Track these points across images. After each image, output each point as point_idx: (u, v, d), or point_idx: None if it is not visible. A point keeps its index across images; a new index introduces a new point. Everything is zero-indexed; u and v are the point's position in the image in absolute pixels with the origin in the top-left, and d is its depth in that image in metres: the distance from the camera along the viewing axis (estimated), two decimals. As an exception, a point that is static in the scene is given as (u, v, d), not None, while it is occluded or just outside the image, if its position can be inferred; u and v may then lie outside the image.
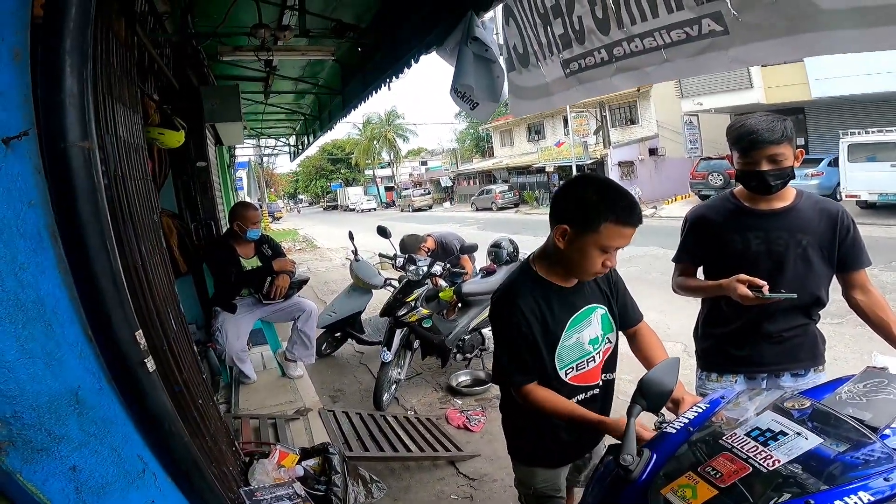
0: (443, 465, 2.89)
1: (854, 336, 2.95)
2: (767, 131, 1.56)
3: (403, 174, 44.56)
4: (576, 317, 1.43)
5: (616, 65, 1.96)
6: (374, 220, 5.27)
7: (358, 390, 4.07)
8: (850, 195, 12.11)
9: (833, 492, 0.98)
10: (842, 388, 1.34)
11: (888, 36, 1.19)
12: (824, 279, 1.70)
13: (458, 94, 2.50)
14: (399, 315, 3.61)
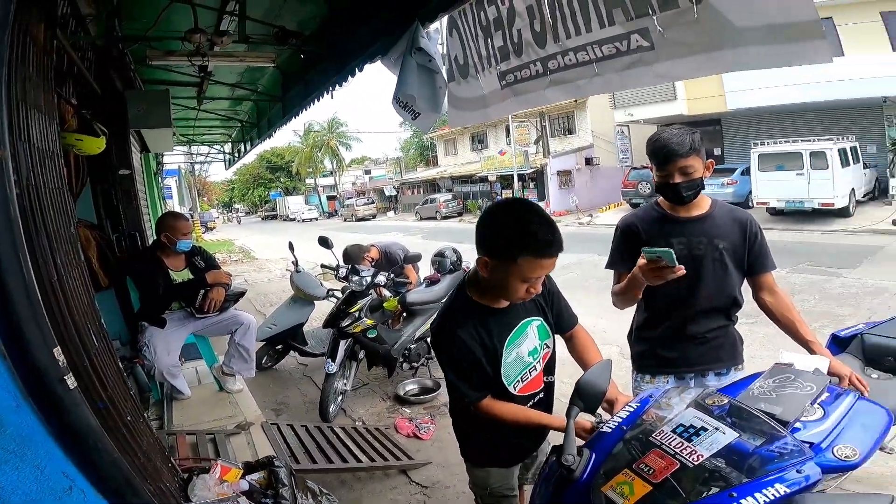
0: (394, 474, 2.87)
1: (767, 335, 3.19)
2: (677, 145, 1.65)
3: (346, 183, 43.85)
4: (513, 334, 1.47)
5: (550, 77, 2.03)
6: (316, 230, 5.16)
7: (303, 403, 3.98)
8: (760, 202, 13.17)
9: (753, 484, 1.05)
10: (754, 384, 1.44)
11: (795, 52, 1.29)
12: (738, 282, 1.83)
13: (399, 104, 2.50)
14: (343, 326, 3.57)
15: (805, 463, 1.09)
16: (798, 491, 1.04)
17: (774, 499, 1.02)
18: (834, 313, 5.38)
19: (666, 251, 1.51)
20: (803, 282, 7.10)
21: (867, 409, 1.46)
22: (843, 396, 1.48)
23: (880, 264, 7.93)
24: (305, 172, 42.92)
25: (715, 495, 1.04)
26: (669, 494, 1.08)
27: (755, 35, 1.35)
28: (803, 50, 1.28)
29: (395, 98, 2.49)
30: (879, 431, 1.40)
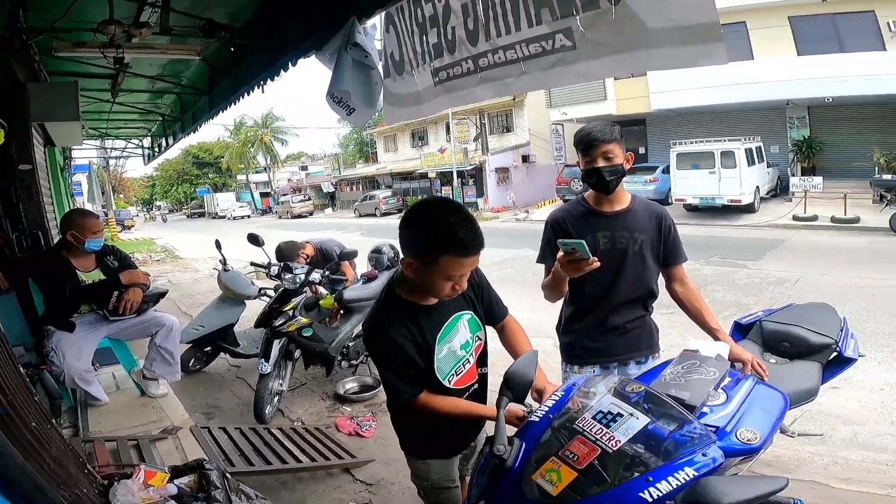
0: (338, 473, 2.84)
1: (684, 324, 3.46)
2: (601, 132, 1.78)
3: (282, 179, 42.24)
4: (444, 329, 1.49)
5: (480, 75, 2.07)
6: (248, 227, 4.92)
7: (236, 405, 3.83)
8: (678, 199, 14.13)
9: (666, 468, 1.11)
10: (665, 370, 1.53)
11: (698, 53, 1.38)
12: (655, 274, 1.95)
13: (334, 100, 2.48)
14: (276, 325, 3.46)
15: (710, 447, 1.16)
16: (706, 473, 1.11)
17: (685, 482, 1.08)
18: (740, 302, 5.87)
19: (578, 242, 1.55)
20: (714, 273, 7.69)
21: (765, 394, 1.58)
22: (743, 381, 1.59)
23: (781, 256, 8.78)
24: (237, 168, 40.91)
25: (633, 480, 1.10)
26: (595, 480, 1.12)
27: (664, 36, 1.43)
28: (704, 51, 1.38)
29: (329, 93, 2.46)
30: (777, 415, 1.52)
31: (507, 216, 19.10)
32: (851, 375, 3.52)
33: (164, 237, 21.94)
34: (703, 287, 6.83)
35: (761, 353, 2.20)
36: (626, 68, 1.64)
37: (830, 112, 14.83)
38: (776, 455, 2.63)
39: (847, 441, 2.94)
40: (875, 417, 3.20)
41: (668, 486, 1.07)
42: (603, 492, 1.10)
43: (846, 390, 3.48)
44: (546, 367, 2.09)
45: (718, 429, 1.39)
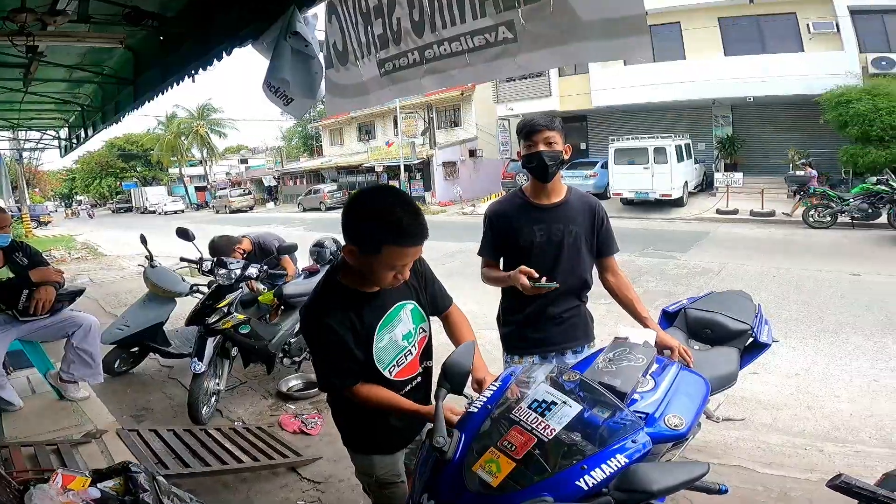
0: (283, 472, 2.78)
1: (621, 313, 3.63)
2: (543, 119, 1.86)
3: (220, 173, 40.42)
4: (386, 317, 1.46)
5: (426, 66, 2.06)
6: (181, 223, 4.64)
7: (170, 406, 3.67)
8: (616, 193, 14.80)
9: (599, 455, 1.13)
10: (598, 358, 1.57)
11: (624, 47, 1.42)
12: (589, 264, 2.01)
13: (271, 89, 2.42)
14: (210, 322, 3.31)
15: (639, 433, 1.20)
16: (636, 460, 1.14)
17: (617, 469, 1.10)
18: (670, 291, 6.23)
19: (550, 285, 1.70)
20: (647, 264, 8.11)
21: (689, 380, 1.65)
22: (669, 367, 1.66)
23: (706, 248, 9.39)
24: (168, 162, 38.63)
25: (569, 468, 1.12)
26: (533, 469, 1.13)
27: (595, 29, 1.47)
28: (631, 44, 1.42)
29: (266, 83, 2.41)
30: (700, 400, 1.60)
31: (454, 210, 19.24)
32: (769, 361, 3.82)
33: (86, 234, 20.40)
34: (638, 278, 7.21)
35: (686, 339, 2.29)
36: (562, 60, 1.68)
37: (751, 111, 15.97)
38: (705, 441, 2.77)
39: (767, 426, 3.13)
40: (791, 402, 3.43)
41: (601, 474, 1.09)
42: (541, 481, 1.11)
43: (765, 375, 3.75)
44: (491, 359, 2.12)
45: (648, 415, 1.44)
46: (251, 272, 3.57)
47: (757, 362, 2.53)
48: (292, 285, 3.86)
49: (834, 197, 10.81)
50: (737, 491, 2.32)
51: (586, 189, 14.04)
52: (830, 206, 10.69)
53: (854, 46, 13.61)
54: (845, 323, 4.92)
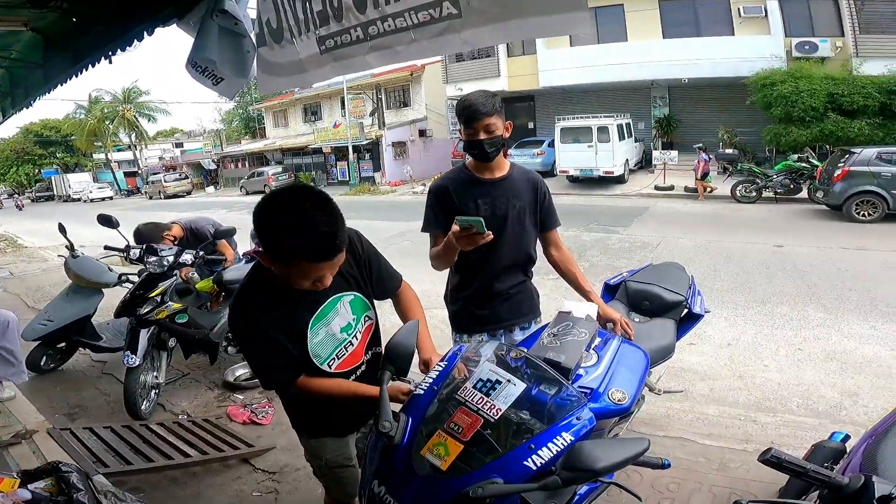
0: (236, 464, 2.70)
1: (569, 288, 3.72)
2: (482, 105, 1.79)
3: (152, 157, 38.22)
4: (320, 311, 1.40)
5: (370, 43, 1.99)
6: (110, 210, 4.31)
7: (106, 403, 3.48)
8: (562, 171, 15.22)
9: (546, 434, 1.12)
10: (543, 333, 1.56)
11: (568, 21, 1.42)
12: (533, 239, 2.02)
13: (197, 69, 2.32)
14: (142, 313, 3.13)
15: (583, 410, 1.19)
16: (582, 437, 1.13)
17: (563, 447, 1.10)
18: (614, 265, 6.47)
19: (477, 220, 1.57)
20: (592, 239, 8.39)
21: (630, 353, 1.68)
22: (611, 341, 1.68)
23: (646, 222, 9.83)
24: (89, 147, 35.94)
25: (517, 448, 1.10)
26: (482, 450, 1.11)
27: (538, 4, 1.46)
28: (570, 20, 1.43)
29: (190, 62, 2.30)
30: (641, 373, 1.63)
31: (404, 189, 19.11)
32: (704, 331, 4.02)
33: (5, 225, 18.69)
34: (584, 252, 7.46)
35: (627, 312, 2.35)
36: (505, 36, 1.66)
37: (686, 92, 16.72)
38: (651, 414, 2.88)
39: (705, 396, 3.26)
40: (726, 372, 3.60)
41: (549, 453, 1.09)
42: (492, 462, 1.09)
43: (701, 346, 3.94)
44: (445, 338, 2.13)
45: (593, 390, 1.45)
46: (185, 259, 3.39)
47: (693, 333, 2.61)
48: (233, 270, 3.70)
49: (759, 173, 11.58)
50: (681, 463, 2.42)
51: (534, 167, 14.26)
52: (756, 182, 11.45)
53: (780, 30, 14.40)
54: (771, 292, 5.28)
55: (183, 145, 39.52)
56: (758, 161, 13.63)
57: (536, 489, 1.02)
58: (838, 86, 12.66)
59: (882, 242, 7.25)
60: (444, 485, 1.09)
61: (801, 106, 12.69)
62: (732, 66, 14.31)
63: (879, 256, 6.52)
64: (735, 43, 14.77)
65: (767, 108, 13.47)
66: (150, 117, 35.27)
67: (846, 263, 6.21)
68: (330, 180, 24.07)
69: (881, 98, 12.27)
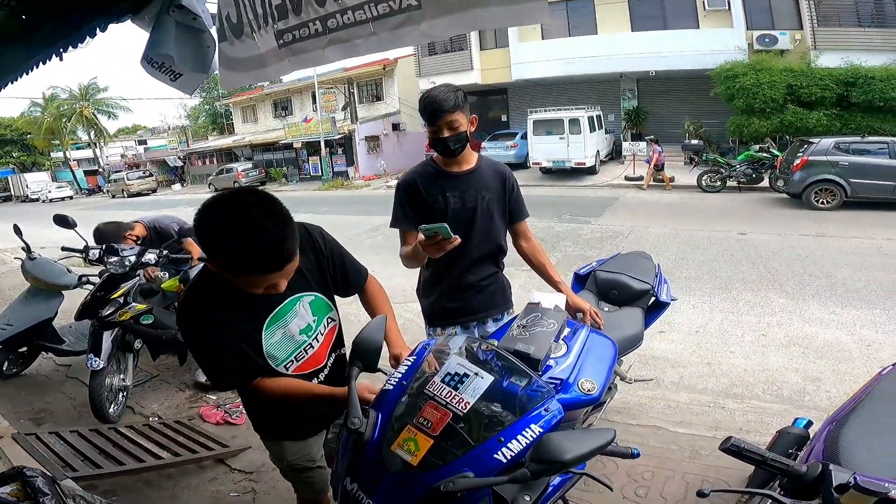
0: (211, 465, 2.67)
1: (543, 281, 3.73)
2: (444, 101, 1.76)
3: (114, 155, 37.25)
4: (276, 313, 1.36)
5: (329, 37, 1.96)
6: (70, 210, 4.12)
7: (72, 407, 3.40)
8: (535, 163, 15.37)
9: (515, 427, 1.12)
10: (513, 325, 1.55)
11: (526, 12, 1.41)
12: (502, 230, 2.03)
13: (153, 65, 2.31)
14: (105, 315, 3.05)
15: (551, 401, 1.19)
16: (551, 428, 1.13)
17: (532, 439, 1.09)
18: (586, 255, 6.58)
19: (441, 226, 1.50)
20: (565, 230, 8.52)
21: (598, 342, 1.69)
22: (580, 331, 1.69)
23: (616, 212, 10.01)
24: (49, 146, 34.63)
25: (487, 441, 1.10)
26: (453, 444, 1.10)
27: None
28: (528, 10, 1.44)
29: (145, 58, 2.29)
30: (609, 362, 1.64)
31: (378, 183, 18.97)
32: (673, 319, 4.12)
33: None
34: (557, 242, 7.55)
35: (597, 301, 2.38)
36: (464, 27, 1.65)
37: (654, 84, 17.06)
38: (623, 402, 2.94)
39: (675, 384, 3.30)
40: (695, 359, 3.67)
41: (518, 445, 1.08)
42: (463, 455, 1.09)
43: (670, 333, 4.03)
44: (420, 331, 2.12)
45: (563, 381, 1.46)
46: (149, 258, 3.29)
47: (663, 320, 2.65)
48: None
49: (723, 163, 11.92)
50: (655, 451, 2.48)
51: (507, 159, 14.40)
52: (720, 172, 11.77)
53: (742, 23, 14.78)
54: (735, 279, 5.44)
55: (146, 142, 38.55)
56: (722, 151, 14.02)
57: (507, 482, 1.02)
58: (797, 78, 13.10)
59: (839, 229, 7.56)
60: (415, 480, 1.08)
61: (761, 97, 13.10)
62: (697, 58, 14.66)
63: (837, 243, 6.80)
64: (700, 36, 15.12)
65: (730, 100, 13.84)
66: (109, 114, 34.36)
67: (806, 250, 6.46)
68: (302, 175, 23.76)
69: (838, 90, 12.74)
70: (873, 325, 4.08)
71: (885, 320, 4.17)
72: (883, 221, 7.95)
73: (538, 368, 1.39)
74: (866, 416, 1.43)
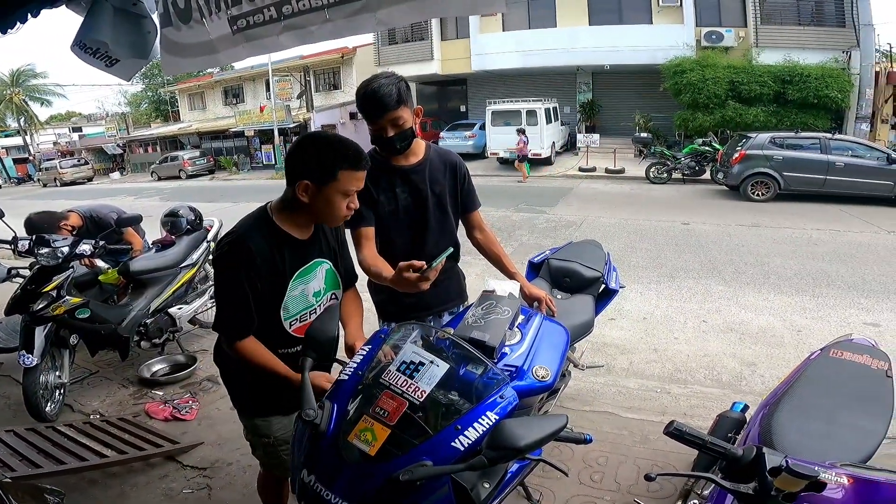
0: (161, 462, 2.60)
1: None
2: (386, 97, 1.63)
3: (45, 143, 34.84)
4: (304, 269, 1.48)
5: (284, 23, 1.93)
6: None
7: (6, 406, 3.25)
8: (493, 153, 15.52)
9: (471, 414, 1.12)
10: (468, 313, 1.55)
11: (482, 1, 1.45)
12: (456, 223, 1.99)
13: (86, 51, 2.26)
14: (36, 309, 2.87)
15: (506, 388, 1.20)
16: (506, 415, 1.14)
17: (489, 427, 1.09)
18: (541, 244, 6.70)
19: (448, 252, 1.47)
20: (521, 219, 8.69)
21: (551, 329, 1.70)
22: (533, 318, 1.70)
23: (571, 202, 10.29)
24: None
25: (445, 430, 1.10)
26: (411, 433, 1.10)
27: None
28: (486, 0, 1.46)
29: (77, 43, 2.24)
30: (562, 349, 1.66)
31: (334, 173, 18.60)
32: (623, 306, 4.27)
33: None
34: (513, 231, 7.68)
35: (550, 289, 2.41)
36: (420, 15, 1.65)
37: (608, 78, 17.51)
38: (577, 389, 3.01)
39: (625, 370, 3.40)
40: (642, 346, 3.81)
41: (475, 433, 1.09)
42: (421, 444, 1.09)
43: (620, 320, 4.16)
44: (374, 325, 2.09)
45: (518, 368, 1.47)
46: (84, 249, 3.10)
47: (613, 308, 2.73)
48: (142, 260, 3.43)
49: (669, 156, 12.46)
50: (607, 436, 2.56)
51: (465, 150, 14.35)
52: (666, 165, 12.30)
53: (693, 20, 15.34)
54: (679, 267, 5.71)
55: (82, 129, 36.28)
56: (669, 145, 14.61)
57: (464, 469, 1.03)
58: (739, 74, 13.78)
59: (773, 220, 8.07)
60: (373, 470, 1.08)
61: (706, 93, 13.73)
62: (650, 53, 15.12)
63: (771, 233, 7.25)
64: (652, 31, 15.59)
65: (678, 95, 14.42)
66: (42, 101, 32.39)
67: (743, 239, 6.86)
68: (254, 164, 23.02)
69: (776, 87, 13.49)
70: (803, 311, 4.38)
71: (814, 307, 4.48)
72: (813, 213, 8.54)
73: (493, 356, 1.40)
74: (797, 400, 1.52)
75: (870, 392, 1.53)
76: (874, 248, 6.39)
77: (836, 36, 14.08)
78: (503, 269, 2.08)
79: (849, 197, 9.26)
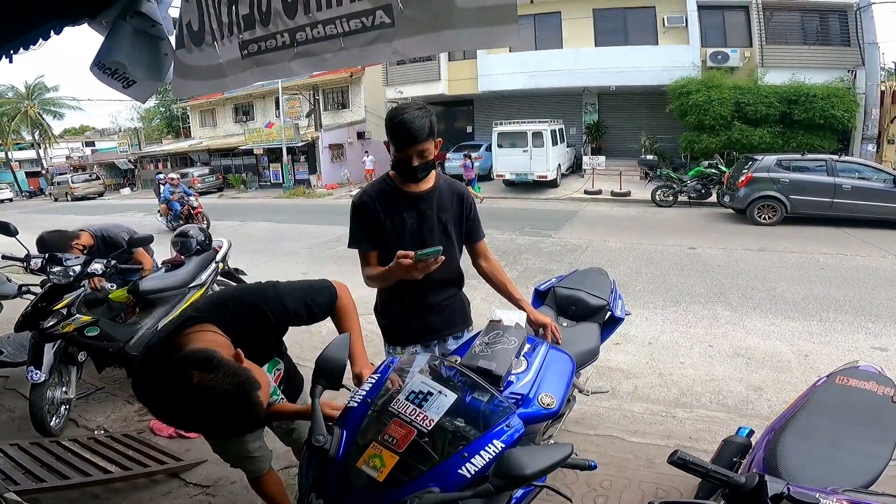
0: (164, 479, 2.61)
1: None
2: (418, 131, 1.72)
3: (58, 157, 35.68)
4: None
5: (297, 49, 1.96)
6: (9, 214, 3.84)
7: (11, 420, 3.28)
8: (498, 175, 15.56)
9: (477, 443, 1.15)
10: (475, 342, 1.59)
11: (497, 35, 1.47)
12: (460, 251, 2.04)
13: (104, 71, 2.29)
14: (46, 326, 2.93)
15: (512, 417, 1.24)
16: (512, 444, 1.17)
17: (495, 455, 1.12)
18: (547, 268, 6.72)
19: (435, 250, 1.56)
20: (526, 242, 8.66)
21: (556, 357, 1.74)
22: (539, 347, 1.74)
23: (576, 226, 10.27)
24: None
25: (452, 457, 1.13)
26: (418, 460, 1.12)
27: (468, 16, 1.50)
28: (499, 33, 1.47)
29: (96, 63, 2.27)
30: (568, 377, 1.70)
31: (341, 192, 18.78)
32: (628, 331, 4.25)
33: None
34: (518, 255, 7.68)
35: (556, 316, 2.43)
36: (436, 48, 1.69)
37: (614, 99, 17.68)
38: (582, 413, 3.01)
39: (630, 394, 3.39)
40: (647, 370, 3.80)
41: (482, 461, 1.11)
42: (428, 471, 1.11)
43: (625, 345, 4.15)
44: (381, 343, 2.09)
45: (524, 396, 1.50)
46: (95, 268, 3.17)
47: (619, 333, 2.71)
48: (152, 280, 3.48)
49: (675, 179, 12.46)
50: (612, 460, 2.55)
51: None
52: (672, 187, 12.31)
53: (698, 40, 15.52)
54: (685, 292, 5.69)
55: (94, 144, 36.98)
56: (675, 167, 14.66)
57: (471, 496, 1.05)
58: (744, 95, 13.83)
59: (780, 244, 8.03)
60: (381, 496, 1.10)
61: (711, 114, 13.78)
62: (655, 74, 15.28)
63: (778, 257, 7.22)
64: (658, 52, 15.75)
65: (683, 116, 14.49)
66: (56, 114, 33.24)
67: (749, 264, 6.83)
68: (262, 182, 23.27)
69: (781, 107, 13.52)
70: (810, 336, 4.34)
71: (822, 331, 4.45)
72: (820, 236, 8.50)
73: (500, 384, 1.42)
74: (802, 426, 1.53)
75: (874, 417, 1.54)
76: (882, 272, 6.35)
77: (842, 55, 14.20)
78: (508, 296, 2.10)
79: (856, 220, 9.21)
